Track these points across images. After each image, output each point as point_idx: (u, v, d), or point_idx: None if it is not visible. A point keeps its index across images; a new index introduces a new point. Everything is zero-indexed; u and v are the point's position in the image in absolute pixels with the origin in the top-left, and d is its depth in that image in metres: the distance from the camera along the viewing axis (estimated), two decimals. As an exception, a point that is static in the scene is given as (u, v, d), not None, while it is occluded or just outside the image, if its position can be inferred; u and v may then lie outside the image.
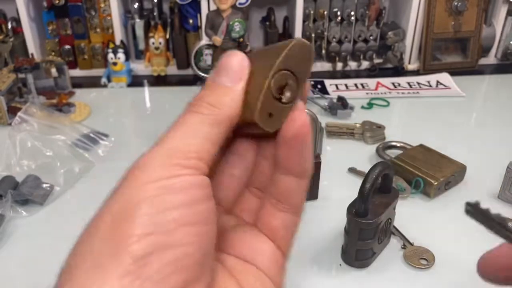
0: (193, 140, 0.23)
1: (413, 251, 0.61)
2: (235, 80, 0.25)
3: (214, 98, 0.24)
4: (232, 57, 0.25)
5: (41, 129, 0.82)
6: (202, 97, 0.25)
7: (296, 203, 0.27)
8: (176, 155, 0.23)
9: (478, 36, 1.18)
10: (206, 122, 0.24)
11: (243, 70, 0.25)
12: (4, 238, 0.65)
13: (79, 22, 1.14)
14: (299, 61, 0.24)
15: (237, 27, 0.96)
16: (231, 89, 0.24)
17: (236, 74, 0.25)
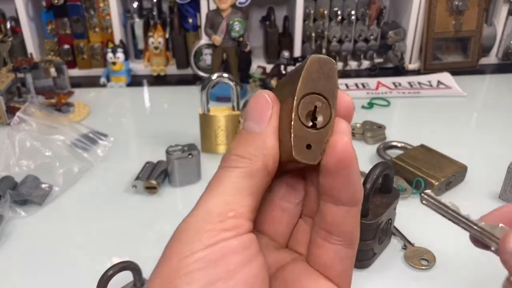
0: (228, 198, 0.22)
1: (413, 252, 0.60)
2: (262, 123, 0.23)
3: (243, 148, 0.23)
4: (256, 98, 0.23)
5: (40, 129, 0.82)
6: (232, 150, 0.23)
7: (348, 233, 0.24)
8: (212, 219, 0.21)
9: (479, 36, 1.18)
10: (240, 176, 0.22)
11: (269, 110, 0.23)
12: (3, 238, 0.65)
13: (78, 21, 1.14)
14: (322, 80, 0.22)
15: (237, 27, 0.96)
16: (259, 134, 0.23)
17: (262, 116, 0.23)
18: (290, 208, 0.26)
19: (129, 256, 0.53)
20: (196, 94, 1.00)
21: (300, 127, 0.22)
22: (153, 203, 0.71)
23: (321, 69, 0.22)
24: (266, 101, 0.23)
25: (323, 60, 0.22)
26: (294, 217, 0.26)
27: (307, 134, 0.22)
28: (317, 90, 0.22)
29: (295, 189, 0.26)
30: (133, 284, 0.53)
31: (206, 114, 0.81)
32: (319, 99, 0.22)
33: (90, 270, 0.59)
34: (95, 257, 0.62)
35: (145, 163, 0.77)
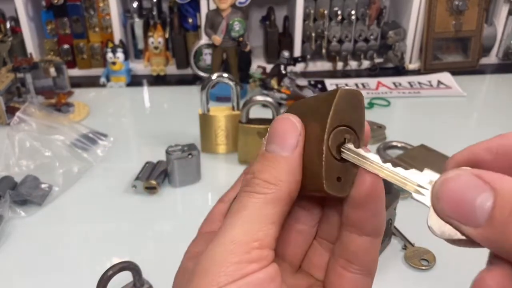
0: (253, 226, 0.21)
1: (413, 252, 0.60)
2: (289, 149, 0.22)
3: (269, 173, 0.22)
4: (284, 122, 0.22)
5: (39, 129, 0.82)
6: (256, 172, 0.22)
7: (368, 263, 0.24)
8: (237, 249, 0.20)
9: (479, 36, 1.18)
10: (265, 203, 0.21)
11: (297, 135, 0.22)
12: (2, 239, 0.65)
13: (78, 21, 1.14)
14: (350, 112, 0.22)
15: (236, 27, 0.96)
16: (286, 159, 0.22)
17: (289, 141, 0.22)
18: (305, 230, 0.25)
19: (129, 256, 0.53)
20: (196, 94, 1.00)
21: (331, 160, 0.21)
22: (153, 203, 0.71)
23: (349, 102, 0.22)
24: (293, 125, 0.22)
25: (352, 93, 0.22)
26: (309, 239, 0.26)
27: (337, 167, 0.22)
28: (346, 122, 0.22)
29: (312, 213, 0.25)
30: (133, 284, 0.53)
31: (206, 114, 0.81)
32: (348, 131, 0.22)
33: (90, 270, 0.59)
34: (95, 257, 0.62)
35: (145, 163, 0.77)
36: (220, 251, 0.21)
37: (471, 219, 0.18)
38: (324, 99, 0.22)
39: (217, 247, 0.21)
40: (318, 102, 0.23)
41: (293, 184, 0.22)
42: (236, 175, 0.30)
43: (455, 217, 0.18)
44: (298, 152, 0.22)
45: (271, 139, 0.22)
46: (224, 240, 0.21)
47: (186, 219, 0.68)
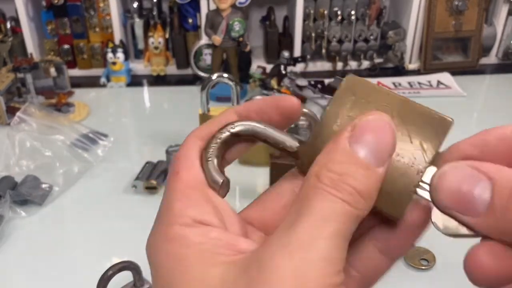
0: (343, 244, 0.18)
1: (413, 252, 0.60)
2: (383, 163, 0.18)
3: (361, 183, 0.18)
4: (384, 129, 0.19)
5: (40, 129, 0.82)
6: (344, 176, 0.18)
7: (373, 279, 0.22)
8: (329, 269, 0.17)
9: (479, 36, 1.18)
10: (353, 218, 0.18)
11: (391, 151, 0.19)
12: (3, 239, 0.65)
13: (78, 21, 1.14)
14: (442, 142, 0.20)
15: (236, 27, 0.96)
16: (374, 172, 0.18)
17: (385, 153, 0.18)
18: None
19: (129, 256, 0.53)
20: (196, 94, 1.00)
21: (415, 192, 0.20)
22: (153, 203, 0.71)
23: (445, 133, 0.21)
24: (392, 138, 0.19)
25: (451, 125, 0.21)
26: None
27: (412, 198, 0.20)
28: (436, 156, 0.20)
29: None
30: (133, 284, 0.53)
31: (206, 114, 0.81)
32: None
33: (90, 270, 0.59)
34: (95, 257, 0.62)
35: (145, 163, 0.77)
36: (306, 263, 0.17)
37: (471, 209, 0.18)
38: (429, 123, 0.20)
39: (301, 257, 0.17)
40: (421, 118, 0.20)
41: (373, 202, 0.19)
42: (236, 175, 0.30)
43: (455, 208, 0.18)
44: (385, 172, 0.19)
45: (366, 143, 0.18)
46: (312, 253, 0.17)
47: (186, 219, 0.68)
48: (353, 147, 0.18)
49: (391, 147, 0.19)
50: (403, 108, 0.20)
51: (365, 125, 0.19)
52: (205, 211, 0.20)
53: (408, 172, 0.19)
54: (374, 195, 0.18)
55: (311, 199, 0.18)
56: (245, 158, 0.80)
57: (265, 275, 0.17)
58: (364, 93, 0.21)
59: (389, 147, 0.19)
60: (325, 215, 0.17)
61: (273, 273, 0.17)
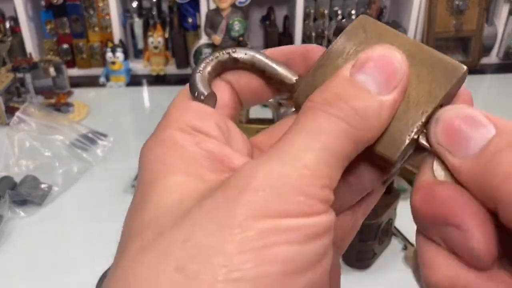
0: (330, 159, 0.16)
1: (414, 252, 0.60)
2: (388, 88, 0.17)
3: (361, 104, 0.17)
4: (391, 53, 0.17)
5: (39, 129, 0.82)
6: (342, 96, 0.17)
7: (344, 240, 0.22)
8: (311, 180, 0.15)
9: (480, 36, 1.18)
10: (348, 137, 0.16)
11: (402, 80, 0.17)
12: (2, 239, 0.65)
13: (77, 21, 1.14)
14: (453, 91, 0.19)
15: (236, 26, 0.96)
16: (382, 99, 0.17)
17: (392, 80, 0.17)
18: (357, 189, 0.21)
19: (128, 256, 0.53)
20: (196, 94, 1.00)
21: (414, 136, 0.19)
22: (153, 203, 0.71)
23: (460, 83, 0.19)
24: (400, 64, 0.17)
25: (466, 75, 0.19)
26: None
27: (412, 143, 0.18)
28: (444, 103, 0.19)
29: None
30: (132, 285, 0.53)
31: (206, 114, 0.80)
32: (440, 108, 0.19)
33: (90, 270, 0.59)
34: (95, 257, 0.62)
35: (145, 163, 0.77)
36: (285, 172, 0.15)
37: (462, 149, 0.16)
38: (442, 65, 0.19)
39: (283, 166, 0.15)
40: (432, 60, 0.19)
41: (378, 132, 0.17)
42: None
43: (447, 143, 0.17)
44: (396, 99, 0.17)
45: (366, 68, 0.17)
46: (293, 162, 0.15)
47: (186, 219, 0.68)
48: (354, 75, 0.17)
49: (401, 71, 0.17)
50: (415, 50, 0.19)
51: (370, 55, 0.17)
52: (206, 120, 0.18)
53: (412, 111, 0.18)
54: (377, 121, 0.17)
55: (301, 118, 0.17)
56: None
57: (234, 183, 0.15)
58: (376, 32, 0.20)
59: (398, 72, 0.17)
60: (315, 129, 0.16)
61: (244, 182, 0.15)
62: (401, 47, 0.18)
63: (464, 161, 0.16)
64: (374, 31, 0.20)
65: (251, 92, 0.21)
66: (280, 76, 0.20)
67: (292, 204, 0.15)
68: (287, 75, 0.20)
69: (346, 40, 0.19)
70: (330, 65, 0.19)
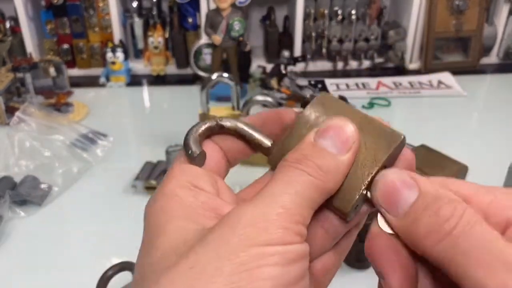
0: (302, 202, 0.20)
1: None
2: (343, 151, 0.21)
3: (323, 162, 0.21)
4: (345, 124, 0.22)
5: (39, 129, 0.82)
6: (308, 156, 0.21)
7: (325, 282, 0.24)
8: (286, 216, 0.19)
9: (480, 36, 1.18)
10: (314, 186, 0.20)
11: (354, 145, 0.22)
12: (2, 239, 0.65)
13: (77, 21, 1.14)
14: (394, 154, 0.23)
15: (236, 26, 0.96)
16: (338, 160, 0.21)
17: (346, 144, 0.22)
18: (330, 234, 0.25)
19: (128, 256, 0.53)
20: (196, 94, 1.00)
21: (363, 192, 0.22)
22: (153, 203, 0.71)
23: (399, 148, 0.24)
24: (352, 131, 0.22)
25: (404, 143, 0.24)
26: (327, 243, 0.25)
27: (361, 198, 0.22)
28: (386, 164, 0.23)
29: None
30: (132, 285, 0.53)
31: (206, 114, 0.80)
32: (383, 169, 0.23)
33: (90, 270, 0.58)
34: (95, 257, 0.62)
35: (145, 163, 0.77)
36: (267, 211, 0.19)
37: (394, 209, 0.21)
38: (384, 134, 0.23)
39: (265, 207, 0.19)
40: (376, 131, 0.23)
41: (336, 184, 0.21)
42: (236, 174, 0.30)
43: (384, 204, 0.21)
44: (350, 159, 0.22)
45: (326, 134, 0.22)
46: (273, 204, 0.19)
47: (186, 219, 0.68)
48: (317, 140, 0.22)
49: (352, 138, 0.22)
50: (364, 122, 0.23)
51: (329, 124, 0.22)
52: (202, 178, 0.22)
53: (359, 173, 0.22)
54: (337, 175, 0.21)
55: (277, 173, 0.21)
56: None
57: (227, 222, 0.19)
58: (333, 106, 0.24)
59: (350, 138, 0.22)
60: (289, 180, 0.20)
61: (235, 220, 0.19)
62: (353, 119, 0.23)
63: (396, 218, 0.20)
64: (332, 106, 0.24)
65: (236, 152, 0.25)
66: (258, 141, 0.24)
67: (275, 235, 0.19)
68: (263, 141, 0.24)
69: (309, 113, 0.24)
70: (296, 134, 0.24)
